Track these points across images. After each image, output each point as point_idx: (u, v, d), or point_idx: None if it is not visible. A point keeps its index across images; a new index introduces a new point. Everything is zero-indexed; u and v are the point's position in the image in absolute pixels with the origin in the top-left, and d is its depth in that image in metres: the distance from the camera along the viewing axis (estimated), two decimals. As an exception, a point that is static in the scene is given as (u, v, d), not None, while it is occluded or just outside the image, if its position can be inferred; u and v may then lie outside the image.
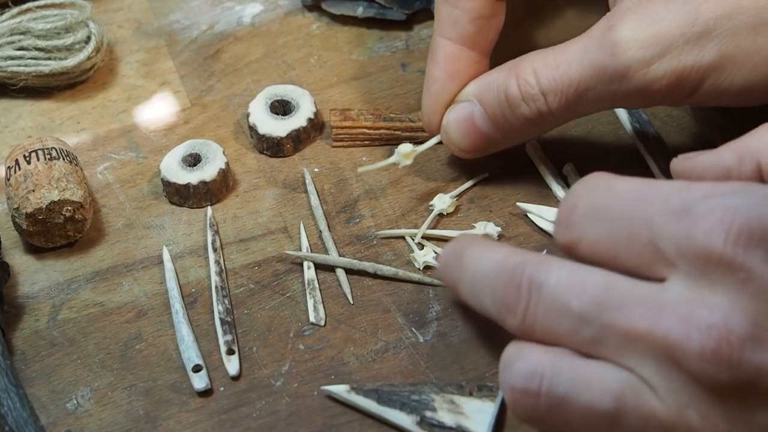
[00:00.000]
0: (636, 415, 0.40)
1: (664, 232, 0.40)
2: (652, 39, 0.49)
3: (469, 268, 0.46)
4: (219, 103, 0.63)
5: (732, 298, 0.38)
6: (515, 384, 0.42)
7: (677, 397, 0.39)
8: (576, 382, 0.41)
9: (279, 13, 0.68)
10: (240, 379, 0.51)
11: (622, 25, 0.49)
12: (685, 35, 0.48)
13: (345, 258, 0.54)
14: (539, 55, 0.52)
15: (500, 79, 0.53)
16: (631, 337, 0.40)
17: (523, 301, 0.42)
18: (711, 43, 0.48)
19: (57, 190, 0.54)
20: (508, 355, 0.43)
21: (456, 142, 0.55)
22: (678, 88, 0.50)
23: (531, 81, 0.51)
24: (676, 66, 0.49)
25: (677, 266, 0.39)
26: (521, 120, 0.52)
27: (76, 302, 0.54)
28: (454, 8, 0.55)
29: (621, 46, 0.49)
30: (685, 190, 0.41)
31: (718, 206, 0.39)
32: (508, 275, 0.43)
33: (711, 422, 0.39)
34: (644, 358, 0.40)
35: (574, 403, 0.41)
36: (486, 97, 0.54)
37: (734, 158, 0.47)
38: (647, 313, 0.39)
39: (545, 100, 0.51)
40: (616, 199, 0.42)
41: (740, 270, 0.38)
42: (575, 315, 0.41)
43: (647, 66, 0.49)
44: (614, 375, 0.40)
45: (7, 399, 0.48)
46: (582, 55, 0.50)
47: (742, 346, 0.38)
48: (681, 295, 0.39)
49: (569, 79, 0.50)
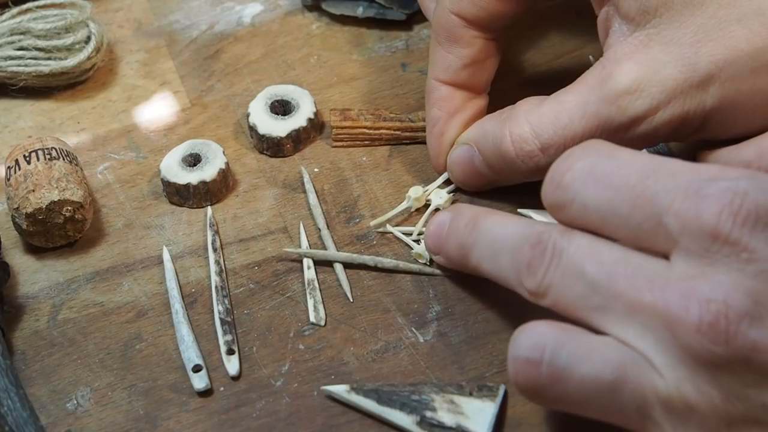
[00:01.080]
0: (635, 387, 0.41)
1: (670, 208, 0.41)
2: (657, 87, 0.49)
3: (489, 231, 0.48)
4: (219, 103, 0.63)
5: (734, 276, 0.39)
6: (519, 354, 0.43)
7: (675, 371, 0.40)
8: (577, 353, 0.42)
9: (279, 13, 0.68)
10: (240, 379, 0.51)
11: (622, 74, 0.49)
12: (688, 81, 0.48)
13: (344, 253, 0.54)
14: (533, 108, 0.51)
15: (495, 132, 0.52)
16: (635, 308, 0.41)
17: (545, 263, 0.44)
18: (712, 88, 0.49)
19: (57, 190, 0.54)
20: (515, 332, 0.44)
21: (460, 181, 0.56)
22: (681, 129, 0.50)
23: (527, 137, 0.51)
24: (681, 111, 0.49)
25: (679, 242, 0.40)
26: (517, 173, 0.52)
27: (76, 302, 0.54)
28: (448, 53, 0.55)
29: (626, 99, 0.49)
30: (693, 170, 0.42)
31: (727, 188, 0.40)
32: (534, 239, 0.44)
33: (707, 397, 0.40)
34: (645, 330, 0.41)
35: (574, 373, 0.42)
36: (483, 146, 0.54)
37: (754, 153, 0.48)
38: (652, 287, 0.41)
39: (544, 155, 0.51)
40: (618, 166, 0.43)
41: (744, 250, 0.39)
42: (588, 282, 0.42)
43: (653, 114, 0.49)
44: (615, 348, 0.41)
45: (7, 399, 0.48)
46: (583, 107, 0.50)
47: (739, 321, 0.39)
48: (684, 271, 0.40)
49: (572, 132, 0.50)
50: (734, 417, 0.40)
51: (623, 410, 0.42)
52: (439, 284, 0.53)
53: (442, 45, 0.55)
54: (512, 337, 0.44)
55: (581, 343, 0.42)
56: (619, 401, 0.42)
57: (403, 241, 0.55)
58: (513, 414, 0.48)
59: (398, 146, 0.60)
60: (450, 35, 0.55)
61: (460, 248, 0.50)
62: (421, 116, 0.60)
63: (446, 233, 0.51)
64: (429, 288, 0.53)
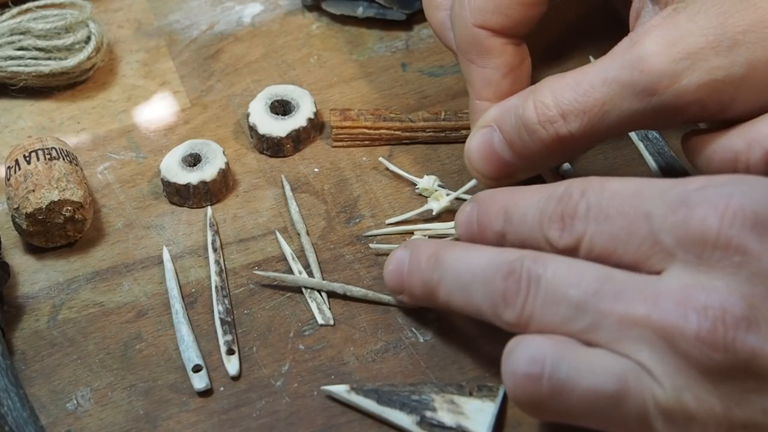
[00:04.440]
0: (636, 398, 0.41)
1: (663, 224, 0.41)
2: (681, 52, 0.47)
3: (454, 265, 0.46)
4: (219, 103, 0.63)
5: (728, 282, 0.39)
6: (517, 369, 0.42)
7: (674, 381, 0.40)
8: (578, 365, 0.41)
9: (279, 13, 0.68)
10: (240, 379, 0.51)
11: (647, 40, 0.47)
12: (714, 48, 0.47)
13: (314, 279, 0.54)
14: (557, 78, 0.50)
15: (517, 104, 0.51)
16: (628, 322, 0.40)
17: (522, 293, 0.43)
18: (740, 55, 0.47)
19: (57, 190, 0.54)
20: (509, 346, 0.43)
21: (477, 168, 0.53)
22: (710, 101, 0.47)
23: (548, 103, 0.49)
24: (708, 78, 0.47)
25: (676, 256, 0.40)
26: (538, 145, 0.50)
27: (76, 302, 0.54)
28: (485, 68, 0.54)
29: (649, 61, 0.47)
30: (680, 184, 0.42)
31: (712, 194, 0.40)
32: (506, 269, 0.43)
33: (706, 405, 0.39)
34: (640, 343, 0.40)
35: (576, 386, 0.41)
36: (504, 121, 0.51)
37: (743, 144, 0.47)
38: (644, 300, 0.40)
39: (564, 122, 0.49)
40: (610, 198, 0.43)
41: (735, 253, 0.39)
42: (572, 304, 0.42)
43: (678, 80, 0.47)
44: (615, 360, 0.41)
45: (7, 399, 0.48)
46: (606, 73, 0.48)
47: (737, 327, 0.38)
48: (679, 281, 0.40)
49: (593, 98, 0.48)
50: (735, 423, 0.39)
51: (625, 421, 0.42)
52: (439, 284, 0.53)
53: (474, 62, 0.54)
54: (506, 351, 0.43)
55: (580, 355, 0.42)
56: (621, 412, 0.41)
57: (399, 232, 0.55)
58: (513, 414, 0.48)
59: (398, 146, 0.60)
60: (480, 49, 0.53)
61: (425, 286, 0.48)
62: (421, 116, 0.60)
63: (408, 271, 0.49)
64: (429, 288, 0.53)
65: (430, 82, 0.63)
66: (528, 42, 0.56)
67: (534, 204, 0.45)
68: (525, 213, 0.45)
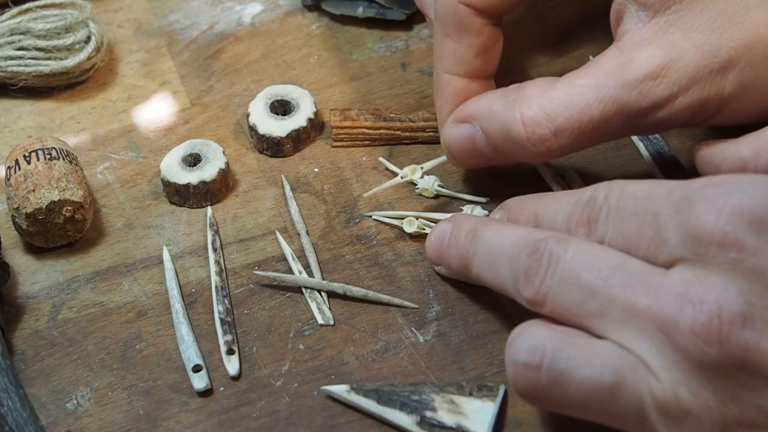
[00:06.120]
0: (632, 391, 0.41)
1: (668, 223, 0.41)
2: (679, 73, 0.48)
3: (488, 241, 0.48)
4: (219, 103, 0.63)
5: (726, 278, 0.39)
6: (518, 358, 0.43)
7: (670, 374, 0.40)
8: (577, 356, 0.42)
9: (279, 13, 0.68)
10: (240, 379, 0.51)
11: (643, 59, 0.49)
12: (708, 66, 0.48)
13: (314, 279, 0.54)
14: (544, 91, 0.50)
15: (503, 114, 0.51)
16: (631, 312, 0.41)
17: (541, 272, 0.44)
18: (732, 74, 0.49)
19: (57, 190, 0.54)
20: (512, 334, 0.44)
21: (457, 159, 0.55)
22: (698, 114, 0.50)
23: (539, 120, 0.50)
24: (700, 96, 0.49)
25: (680, 253, 0.41)
26: (525, 154, 0.51)
27: (76, 302, 0.54)
28: (459, 44, 0.54)
29: (648, 84, 0.48)
30: (686, 184, 0.42)
31: (712, 192, 0.41)
32: (531, 247, 0.44)
33: (702, 400, 0.40)
34: (641, 334, 0.41)
35: (574, 377, 0.42)
36: (488, 125, 0.52)
37: (751, 151, 0.48)
38: (648, 291, 0.41)
39: (556, 138, 0.50)
40: (626, 201, 0.44)
41: (731, 248, 0.40)
42: (584, 288, 0.42)
43: (674, 100, 0.49)
44: (613, 352, 0.42)
45: (7, 399, 0.48)
46: (601, 91, 0.49)
47: (732, 322, 0.39)
48: (681, 276, 0.41)
49: (589, 116, 0.49)
50: (729, 419, 0.40)
51: (621, 413, 0.42)
52: (439, 284, 0.53)
53: (450, 36, 0.54)
54: (509, 339, 0.44)
55: (579, 347, 0.42)
56: (617, 404, 0.42)
57: (391, 224, 0.56)
58: (513, 414, 0.48)
59: (398, 146, 0.60)
60: (459, 25, 0.54)
61: (461, 259, 0.50)
62: (421, 116, 0.60)
63: (447, 244, 0.51)
64: (429, 288, 0.53)
65: (430, 82, 0.63)
66: (528, 42, 0.56)
67: (562, 209, 0.46)
68: (553, 218, 0.47)
